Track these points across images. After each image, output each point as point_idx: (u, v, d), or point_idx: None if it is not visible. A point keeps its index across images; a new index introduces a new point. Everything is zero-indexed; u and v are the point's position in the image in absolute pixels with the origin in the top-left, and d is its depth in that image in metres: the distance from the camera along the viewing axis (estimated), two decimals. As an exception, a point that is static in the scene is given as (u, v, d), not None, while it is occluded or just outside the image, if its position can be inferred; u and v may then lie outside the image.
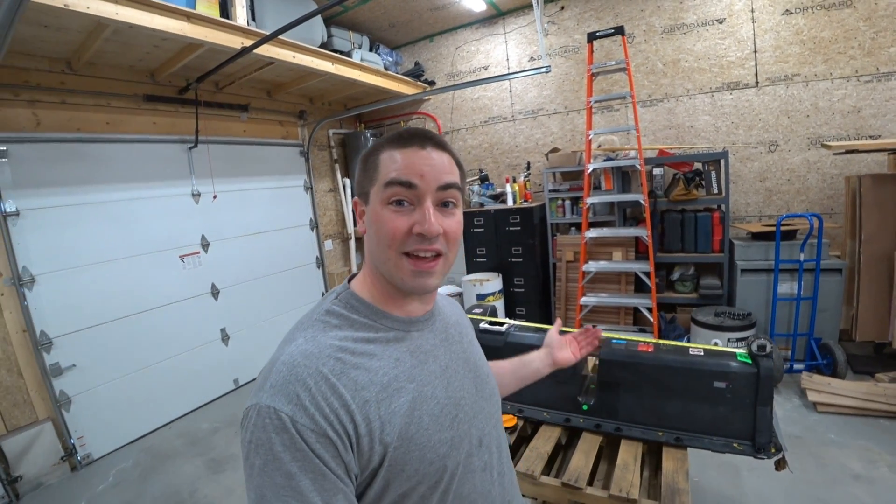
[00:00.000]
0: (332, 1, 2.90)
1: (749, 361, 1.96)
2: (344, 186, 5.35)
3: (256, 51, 3.34)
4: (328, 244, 5.31)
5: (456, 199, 0.77)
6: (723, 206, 3.86)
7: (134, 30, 2.74)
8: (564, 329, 1.49)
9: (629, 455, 1.99)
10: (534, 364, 1.27)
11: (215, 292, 4.14)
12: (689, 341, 3.78)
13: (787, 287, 3.57)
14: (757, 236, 3.76)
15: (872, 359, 3.59)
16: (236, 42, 3.25)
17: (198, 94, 3.82)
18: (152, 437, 3.56)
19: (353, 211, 0.78)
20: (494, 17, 4.87)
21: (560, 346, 1.31)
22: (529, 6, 4.62)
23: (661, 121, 4.37)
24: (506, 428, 2.17)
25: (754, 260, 3.70)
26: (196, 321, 3.99)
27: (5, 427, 2.92)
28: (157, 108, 3.72)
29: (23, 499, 2.89)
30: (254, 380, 4.27)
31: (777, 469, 1.90)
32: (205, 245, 4.06)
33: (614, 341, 2.27)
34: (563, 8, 4.57)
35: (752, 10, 3.90)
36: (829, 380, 3.20)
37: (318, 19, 4.05)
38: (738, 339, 3.39)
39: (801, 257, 3.42)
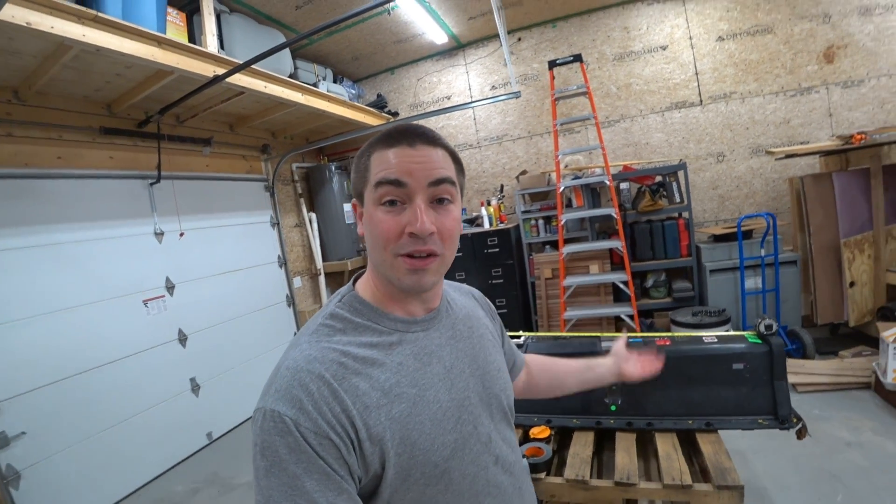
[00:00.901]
0: (304, 33, 2.91)
1: (759, 341, 2.08)
2: (310, 221, 5.19)
3: (229, 80, 3.24)
4: (297, 281, 5.08)
5: (451, 194, 0.75)
6: (685, 214, 4.16)
7: (99, 55, 2.57)
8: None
9: (668, 445, 2.00)
10: (599, 370, 1.26)
11: (183, 338, 3.79)
12: (670, 343, 3.95)
13: (751, 282, 3.86)
14: (719, 238, 4.06)
15: (831, 339, 3.94)
16: (208, 70, 3.13)
17: (160, 127, 3.61)
18: (120, 508, 3.12)
19: (353, 212, 0.83)
20: (455, 49, 5.08)
21: (627, 359, 1.28)
22: (488, 38, 4.89)
23: (620, 139, 4.70)
24: (541, 439, 2.13)
25: (720, 260, 3.98)
26: (163, 372, 3.61)
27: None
28: (115, 142, 3.47)
29: None
30: (228, 433, 3.93)
31: (799, 437, 1.98)
32: (170, 287, 3.74)
33: (631, 340, 2.31)
34: (520, 39, 4.87)
35: (691, 38, 4.38)
36: (803, 362, 3.45)
37: (287, 51, 4.02)
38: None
39: (762, 253, 3.73)
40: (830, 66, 4.13)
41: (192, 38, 3.27)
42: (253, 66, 3.42)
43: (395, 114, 5.30)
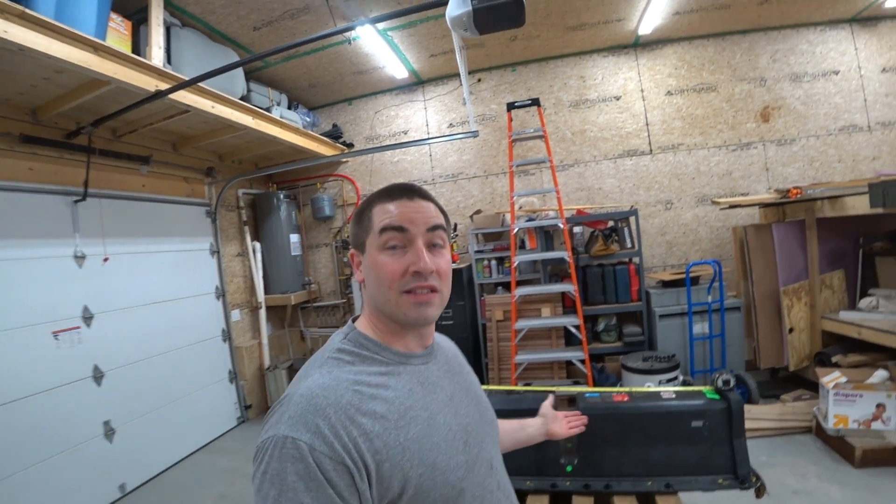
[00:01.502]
0: (257, 54, 2.79)
1: (717, 397, 2.03)
2: (254, 251, 4.89)
3: (173, 97, 3.04)
4: (235, 314, 4.71)
5: (443, 239, 0.85)
6: (636, 259, 4.22)
7: (24, 55, 2.32)
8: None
9: (627, 510, 1.89)
10: (530, 429, 1.35)
11: (98, 376, 3.37)
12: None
13: (698, 327, 3.92)
14: (668, 284, 4.13)
15: (771, 383, 4.05)
16: (150, 84, 2.91)
17: (91, 140, 3.31)
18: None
19: (349, 262, 0.95)
20: (414, 84, 5.08)
21: (554, 419, 1.41)
22: (448, 76, 4.93)
23: (573, 183, 4.79)
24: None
25: (669, 305, 4.03)
26: (71, 414, 3.16)
27: None
28: (37, 153, 3.13)
29: None
30: (145, 484, 3.48)
31: (758, 496, 1.93)
32: (87, 318, 3.34)
33: (588, 395, 2.22)
34: (479, 80, 4.95)
35: (642, 91, 4.61)
36: (750, 407, 3.48)
37: (240, 72, 3.85)
38: (668, 381, 3.58)
39: (709, 299, 3.81)
40: (767, 125, 4.44)
41: (137, 50, 3.06)
42: (201, 85, 3.24)
43: (351, 145, 5.19)
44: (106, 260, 3.45)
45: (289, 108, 4.65)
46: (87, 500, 3.20)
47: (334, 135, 5.05)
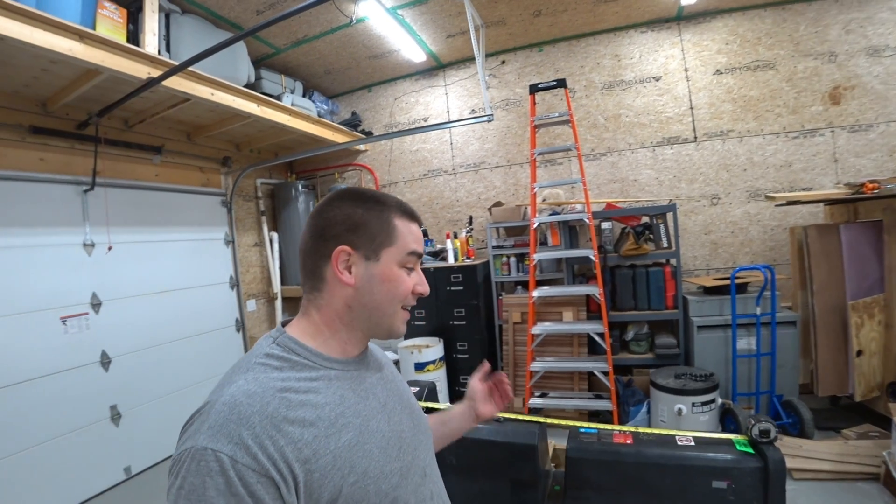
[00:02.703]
0: (245, 31, 2.63)
1: (751, 451, 1.59)
2: (271, 241, 4.84)
3: (169, 84, 2.97)
4: (251, 304, 4.69)
5: None
6: (673, 261, 3.74)
7: (14, 47, 2.30)
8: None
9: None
10: (454, 422, 1.18)
11: (106, 361, 3.42)
12: (648, 407, 3.49)
13: (743, 342, 3.40)
14: (710, 291, 3.62)
15: (831, 412, 3.46)
16: (142, 71, 2.85)
17: (98, 130, 3.33)
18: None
19: (334, 259, 0.79)
20: (434, 69, 4.80)
21: (483, 399, 1.18)
22: (470, 59, 4.60)
23: (605, 174, 4.33)
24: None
25: (709, 315, 3.53)
26: (79, 397, 3.22)
27: None
28: (48, 143, 3.18)
29: None
30: (149, 468, 3.53)
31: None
32: (95, 305, 3.39)
33: (582, 430, 1.87)
34: (503, 62, 4.58)
35: (686, 70, 4.05)
36: (802, 442, 2.96)
37: (245, 58, 3.73)
38: (704, 403, 3.12)
39: (758, 311, 3.29)
40: (836, 108, 3.76)
41: (135, 38, 3.01)
42: (199, 72, 3.15)
43: (369, 133, 4.99)
44: (110, 249, 3.47)
45: (303, 95, 4.51)
46: (94, 480, 3.28)
47: (353, 123, 4.87)
